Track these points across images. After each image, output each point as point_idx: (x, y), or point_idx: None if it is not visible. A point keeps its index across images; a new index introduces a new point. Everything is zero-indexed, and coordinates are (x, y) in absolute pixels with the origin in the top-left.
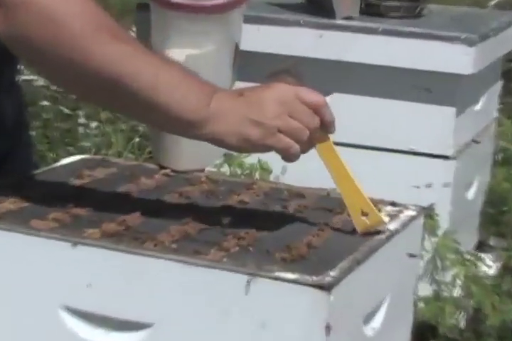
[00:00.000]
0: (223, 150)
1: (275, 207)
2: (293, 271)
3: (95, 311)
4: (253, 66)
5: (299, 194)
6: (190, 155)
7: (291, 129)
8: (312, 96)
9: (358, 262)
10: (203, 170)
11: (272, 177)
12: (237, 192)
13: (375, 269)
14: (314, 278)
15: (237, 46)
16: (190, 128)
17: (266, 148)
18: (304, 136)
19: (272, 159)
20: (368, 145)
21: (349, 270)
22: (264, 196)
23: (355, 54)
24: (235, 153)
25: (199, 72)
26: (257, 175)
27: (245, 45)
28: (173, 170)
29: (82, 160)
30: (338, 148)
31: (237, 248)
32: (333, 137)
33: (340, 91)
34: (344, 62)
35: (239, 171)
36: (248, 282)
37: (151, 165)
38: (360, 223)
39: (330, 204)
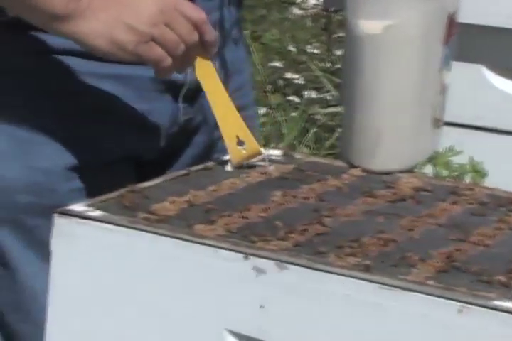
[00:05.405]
0: (432, 148)
1: (493, 219)
2: None
3: (266, 340)
4: (473, 42)
5: None
6: (390, 152)
7: (166, 40)
8: (193, 10)
9: None
10: (402, 171)
11: (486, 182)
12: (443, 198)
13: None
14: None
15: (452, 18)
16: (52, 20)
17: (135, 57)
18: (179, 49)
19: (488, 160)
20: None
21: None
22: (479, 205)
23: None
24: (441, 151)
25: (399, 47)
26: (467, 179)
27: (465, 17)
28: (365, 170)
29: None
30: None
31: (445, 268)
32: None
33: None
34: None
35: (445, 173)
36: (460, 311)
37: (339, 163)
38: (236, 153)
39: None
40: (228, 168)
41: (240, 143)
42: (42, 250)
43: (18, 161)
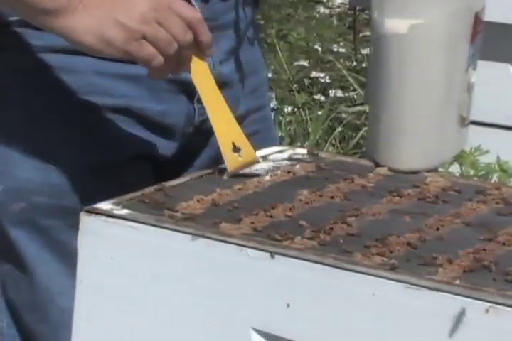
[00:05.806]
0: (458, 147)
1: None
2: None
3: (293, 339)
4: (499, 41)
5: None
6: (415, 151)
7: (158, 38)
8: (187, 10)
9: None
10: (428, 170)
11: None
12: (469, 197)
13: None
14: None
15: (478, 17)
16: (41, 14)
17: (125, 54)
18: (171, 48)
19: None
20: None
21: None
22: (505, 204)
23: None
24: (467, 150)
25: (425, 46)
26: (494, 178)
27: (491, 15)
28: (391, 169)
29: (279, 152)
30: None
31: (472, 268)
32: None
33: None
34: None
35: (471, 172)
36: (487, 310)
37: (364, 162)
38: (232, 159)
39: None
40: (224, 176)
41: (236, 149)
42: (57, 251)
43: (32, 162)
